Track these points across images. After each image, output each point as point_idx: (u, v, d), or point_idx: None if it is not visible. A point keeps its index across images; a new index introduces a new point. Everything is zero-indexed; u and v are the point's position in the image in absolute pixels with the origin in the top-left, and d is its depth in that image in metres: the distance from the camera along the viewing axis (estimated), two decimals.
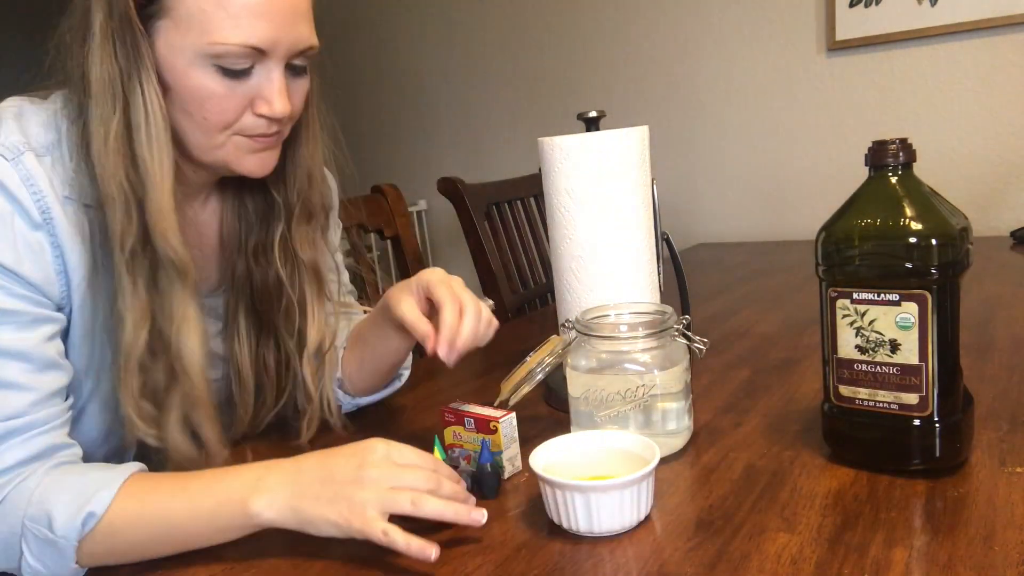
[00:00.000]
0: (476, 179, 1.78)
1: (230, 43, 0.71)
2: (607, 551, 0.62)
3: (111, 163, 0.71)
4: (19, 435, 0.67)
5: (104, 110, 0.71)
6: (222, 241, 0.90)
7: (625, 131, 0.91)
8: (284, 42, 0.74)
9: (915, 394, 0.68)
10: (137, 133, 0.71)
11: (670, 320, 0.79)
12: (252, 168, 0.79)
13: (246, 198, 0.89)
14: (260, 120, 0.76)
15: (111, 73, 0.71)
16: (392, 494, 0.64)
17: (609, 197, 0.91)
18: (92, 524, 0.64)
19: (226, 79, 0.73)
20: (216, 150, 0.77)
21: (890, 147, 0.68)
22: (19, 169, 0.70)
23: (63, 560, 0.65)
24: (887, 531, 0.61)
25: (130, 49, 0.70)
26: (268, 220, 0.89)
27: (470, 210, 1.67)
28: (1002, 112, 1.88)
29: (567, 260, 0.94)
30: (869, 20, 1.97)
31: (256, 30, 0.71)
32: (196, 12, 0.70)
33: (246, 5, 0.70)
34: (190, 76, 0.72)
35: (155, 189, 0.72)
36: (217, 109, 0.74)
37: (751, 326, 1.25)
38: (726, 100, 2.24)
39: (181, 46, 0.71)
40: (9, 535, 0.65)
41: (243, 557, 0.68)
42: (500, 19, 2.63)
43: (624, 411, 0.77)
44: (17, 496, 0.65)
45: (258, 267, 0.89)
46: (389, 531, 0.62)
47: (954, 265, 0.66)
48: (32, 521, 0.64)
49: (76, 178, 0.73)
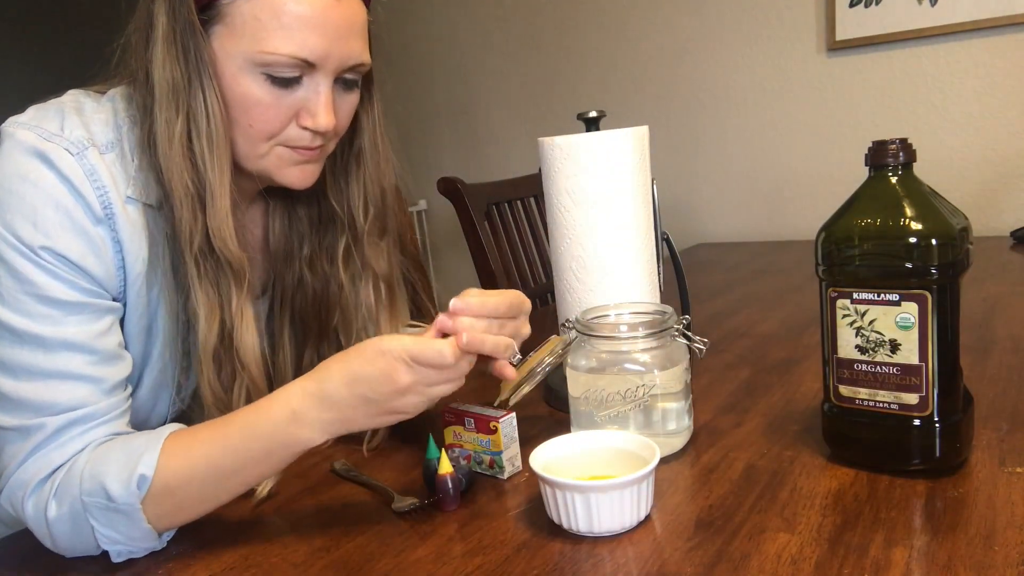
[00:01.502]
0: (476, 179, 1.78)
1: (280, 53, 0.71)
2: (607, 551, 0.62)
3: (176, 164, 0.73)
4: (81, 425, 0.68)
5: (169, 112, 0.72)
6: (266, 247, 0.91)
7: (625, 131, 0.91)
8: (335, 57, 0.74)
9: (915, 394, 0.68)
10: (198, 136, 0.73)
11: (670, 320, 0.79)
12: (293, 180, 0.80)
13: (298, 207, 0.90)
14: (304, 132, 0.77)
15: (174, 76, 0.72)
16: (432, 390, 0.68)
17: (609, 197, 0.91)
18: (146, 486, 0.65)
19: (274, 88, 0.74)
20: (259, 159, 0.78)
21: (890, 147, 0.68)
22: (83, 164, 0.71)
23: (134, 523, 0.66)
24: (887, 531, 0.61)
25: (192, 53, 0.72)
26: (326, 231, 0.90)
27: (470, 210, 1.68)
28: (1002, 112, 1.88)
29: (567, 260, 0.94)
30: (869, 20, 1.97)
31: (307, 42, 0.72)
32: (251, 20, 0.71)
33: (300, 17, 0.71)
34: (239, 82, 0.73)
35: (214, 191, 0.74)
36: (262, 117, 0.75)
37: (751, 326, 1.25)
38: (726, 100, 2.24)
39: (233, 52, 0.72)
40: (74, 515, 0.66)
41: (243, 557, 0.68)
42: (500, 19, 2.63)
43: (624, 411, 0.77)
44: (68, 480, 0.66)
45: (314, 276, 0.90)
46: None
47: (954, 265, 0.66)
48: (89, 495, 0.65)
49: (139, 177, 0.74)
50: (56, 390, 0.67)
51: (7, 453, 0.68)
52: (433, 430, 0.81)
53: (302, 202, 0.90)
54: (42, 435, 0.67)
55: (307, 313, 0.91)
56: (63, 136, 0.71)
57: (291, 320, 0.92)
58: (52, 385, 0.67)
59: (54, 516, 0.66)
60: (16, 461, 0.67)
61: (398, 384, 0.66)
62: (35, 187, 0.69)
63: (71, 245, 0.69)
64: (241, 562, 0.67)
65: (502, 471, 0.78)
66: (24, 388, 0.67)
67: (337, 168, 0.87)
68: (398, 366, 0.66)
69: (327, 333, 0.92)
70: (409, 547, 0.66)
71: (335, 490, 0.79)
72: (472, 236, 1.68)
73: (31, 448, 0.67)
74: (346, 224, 0.89)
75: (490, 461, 0.78)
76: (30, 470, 0.67)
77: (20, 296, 0.67)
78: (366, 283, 0.90)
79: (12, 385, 0.67)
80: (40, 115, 0.73)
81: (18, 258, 0.67)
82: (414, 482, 0.79)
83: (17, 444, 0.68)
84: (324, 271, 0.90)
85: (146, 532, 0.67)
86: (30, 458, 0.67)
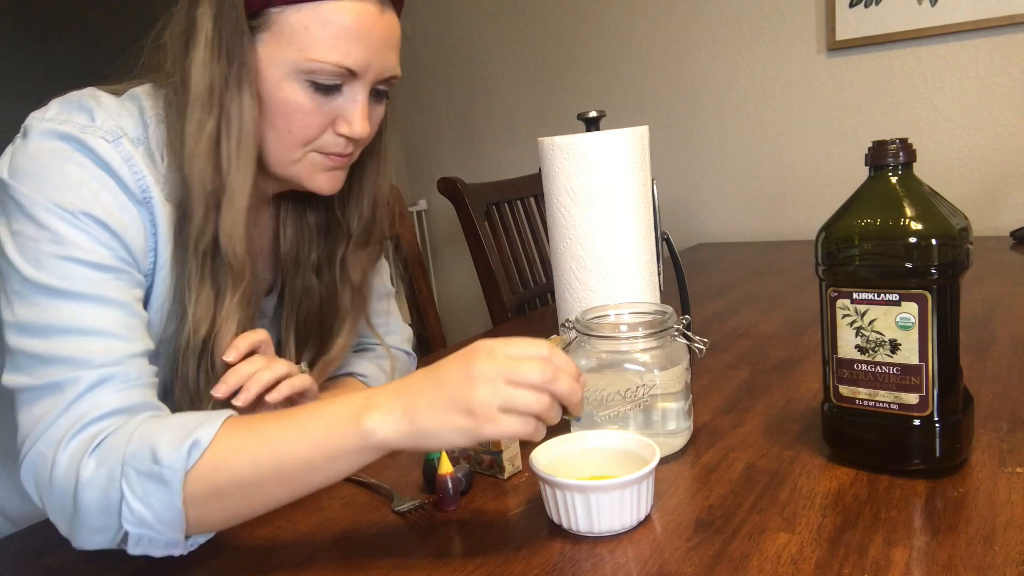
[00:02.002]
0: (476, 179, 1.78)
1: (326, 62, 0.73)
2: (607, 551, 0.62)
3: (199, 163, 0.74)
4: (117, 382, 0.66)
5: (202, 113, 0.73)
6: (273, 252, 0.91)
7: (625, 131, 0.91)
8: (374, 67, 0.77)
9: (915, 394, 0.68)
10: (227, 140, 0.74)
11: (670, 320, 0.79)
12: (321, 185, 0.81)
13: (308, 213, 0.91)
14: (339, 139, 0.79)
15: (213, 78, 0.73)
16: (511, 390, 0.60)
17: (609, 197, 0.91)
18: (197, 454, 0.61)
19: (316, 94, 0.75)
20: (292, 164, 0.79)
21: (890, 147, 0.68)
22: (120, 151, 0.72)
23: (169, 496, 0.61)
24: (887, 531, 0.61)
25: (236, 58, 0.73)
26: (331, 238, 0.91)
27: (470, 210, 1.68)
28: (1002, 112, 1.88)
29: (567, 260, 0.94)
30: (869, 20, 1.97)
31: (351, 52, 0.74)
32: (299, 29, 0.73)
33: (346, 28, 0.73)
34: (283, 89, 0.75)
35: (233, 195, 0.75)
36: (303, 124, 0.76)
37: (751, 326, 1.25)
38: (726, 100, 2.24)
39: (279, 60, 0.74)
40: (109, 479, 0.61)
41: (243, 557, 0.68)
42: (500, 19, 2.63)
43: (624, 411, 0.77)
44: (115, 439, 0.62)
45: (320, 283, 0.91)
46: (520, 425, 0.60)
47: (954, 265, 0.66)
48: (133, 457, 0.61)
49: (167, 176, 0.75)
50: (92, 345, 0.66)
51: (35, 413, 0.65)
52: None
53: (312, 209, 0.91)
54: (76, 390, 0.64)
55: (311, 319, 0.92)
56: (96, 126, 0.72)
57: (296, 326, 0.92)
58: (88, 341, 0.66)
59: (87, 478, 0.61)
60: (47, 419, 0.64)
61: (472, 368, 0.60)
62: (77, 166, 0.70)
63: (111, 214, 0.70)
64: (241, 562, 0.67)
65: (502, 471, 0.78)
66: (57, 345, 0.65)
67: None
68: (479, 351, 0.62)
69: (328, 338, 0.92)
70: (409, 547, 0.66)
71: (335, 490, 0.79)
72: (472, 236, 1.68)
73: (65, 404, 0.64)
74: (344, 232, 0.90)
75: (490, 461, 0.78)
76: (64, 425, 0.63)
77: (60, 260, 0.67)
78: (345, 290, 0.92)
79: (45, 345, 0.66)
80: (66, 108, 0.74)
81: (60, 223, 0.68)
82: (414, 482, 0.79)
83: (48, 401, 0.64)
84: (327, 278, 0.91)
85: (177, 515, 0.61)
86: (64, 413, 0.64)
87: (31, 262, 0.67)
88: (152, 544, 0.63)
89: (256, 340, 0.76)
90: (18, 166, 0.69)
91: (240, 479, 0.62)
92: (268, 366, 0.74)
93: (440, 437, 0.60)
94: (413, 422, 0.60)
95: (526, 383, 0.60)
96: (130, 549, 0.63)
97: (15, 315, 0.67)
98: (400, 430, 0.60)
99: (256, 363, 0.74)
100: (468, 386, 0.60)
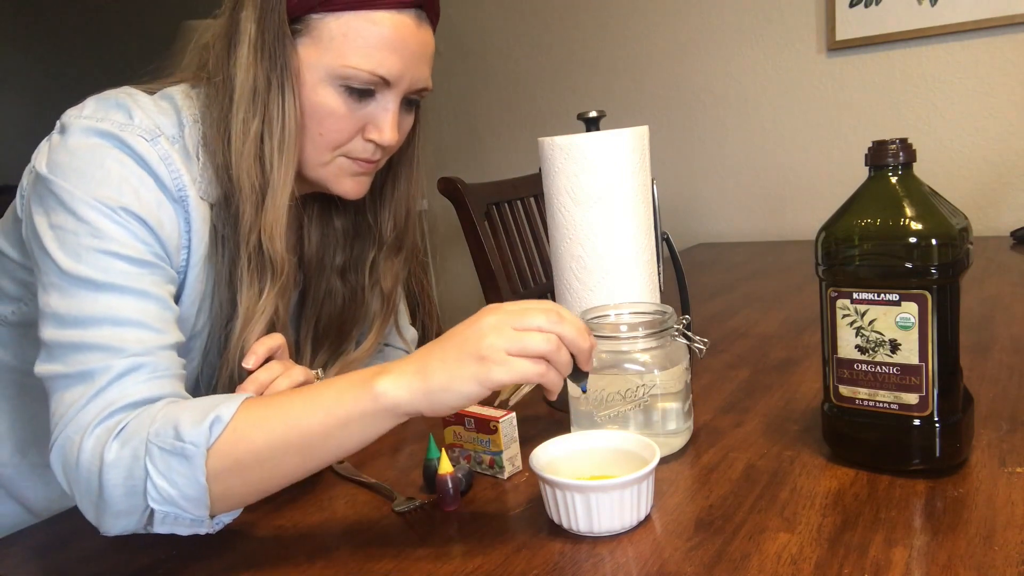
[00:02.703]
0: (476, 179, 1.78)
1: (362, 69, 0.76)
2: (607, 551, 0.62)
3: (246, 162, 0.76)
4: (146, 371, 0.67)
5: (246, 113, 0.76)
6: (299, 251, 0.92)
7: (625, 131, 0.91)
8: (407, 78, 0.80)
9: (915, 394, 0.68)
10: (270, 138, 0.76)
11: (670, 320, 0.79)
12: (347, 190, 0.83)
13: (334, 217, 0.93)
14: (368, 145, 0.81)
15: (257, 79, 0.76)
16: (519, 333, 0.61)
17: (609, 197, 0.91)
18: (219, 430, 0.62)
19: (350, 100, 0.78)
20: (321, 167, 0.81)
21: (890, 147, 0.68)
22: (158, 149, 0.74)
23: (192, 472, 0.61)
24: (887, 531, 0.61)
25: (279, 63, 0.75)
26: (359, 242, 0.93)
27: (470, 210, 1.67)
28: (1002, 112, 1.88)
29: (567, 260, 0.94)
30: (869, 20, 1.97)
31: (387, 62, 0.77)
32: (338, 36, 0.76)
33: (383, 38, 0.76)
34: (317, 92, 0.77)
35: (275, 191, 0.77)
36: (334, 128, 0.79)
37: (751, 326, 1.25)
38: (726, 100, 2.24)
39: (316, 64, 0.77)
40: (133, 459, 0.62)
41: (243, 557, 0.68)
42: (500, 19, 2.63)
43: (624, 411, 0.77)
44: (138, 421, 0.64)
45: (344, 285, 0.93)
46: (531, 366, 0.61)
47: (954, 265, 0.66)
48: (157, 435, 0.62)
49: (203, 177, 0.77)
50: (125, 335, 0.67)
51: (66, 400, 0.66)
52: (433, 430, 0.81)
53: (338, 213, 0.93)
54: (106, 377, 0.65)
55: (331, 321, 0.94)
56: (134, 124, 0.74)
57: (314, 327, 0.94)
58: (122, 331, 0.67)
59: (112, 459, 0.62)
60: (77, 405, 0.65)
61: (478, 323, 0.62)
62: (118, 163, 0.71)
63: (149, 211, 0.72)
64: (241, 562, 0.67)
65: (502, 471, 0.78)
66: (92, 334, 0.67)
67: (375, 184, 0.90)
68: (484, 311, 0.64)
69: (345, 339, 0.95)
70: (409, 547, 0.66)
71: (335, 490, 0.79)
72: (472, 236, 1.68)
73: (95, 391, 0.65)
74: (375, 238, 0.92)
75: (490, 461, 0.78)
76: (92, 411, 0.65)
77: (99, 254, 0.69)
78: (375, 294, 0.94)
79: (80, 334, 0.67)
80: (103, 106, 0.75)
81: (100, 218, 0.69)
82: (414, 482, 0.79)
83: (79, 388, 0.66)
84: (352, 281, 0.93)
85: (200, 491, 0.62)
86: (93, 400, 0.65)
87: (70, 255, 0.68)
88: (178, 522, 0.64)
89: (274, 345, 0.77)
90: (58, 162, 0.71)
91: (258, 451, 0.63)
92: (286, 373, 0.75)
93: (453, 388, 0.61)
94: (426, 379, 0.61)
95: (533, 326, 0.62)
96: (156, 527, 0.64)
97: (52, 307, 0.68)
98: (412, 389, 0.61)
99: (273, 370, 0.75)
100: (476, 337, 0.61)
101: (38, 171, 0.71)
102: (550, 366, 0.63)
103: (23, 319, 0.85)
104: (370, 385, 0.62)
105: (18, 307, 0.84)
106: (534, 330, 0.62)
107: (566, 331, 0.63)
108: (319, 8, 0.75)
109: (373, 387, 0.62)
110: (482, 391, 0.61)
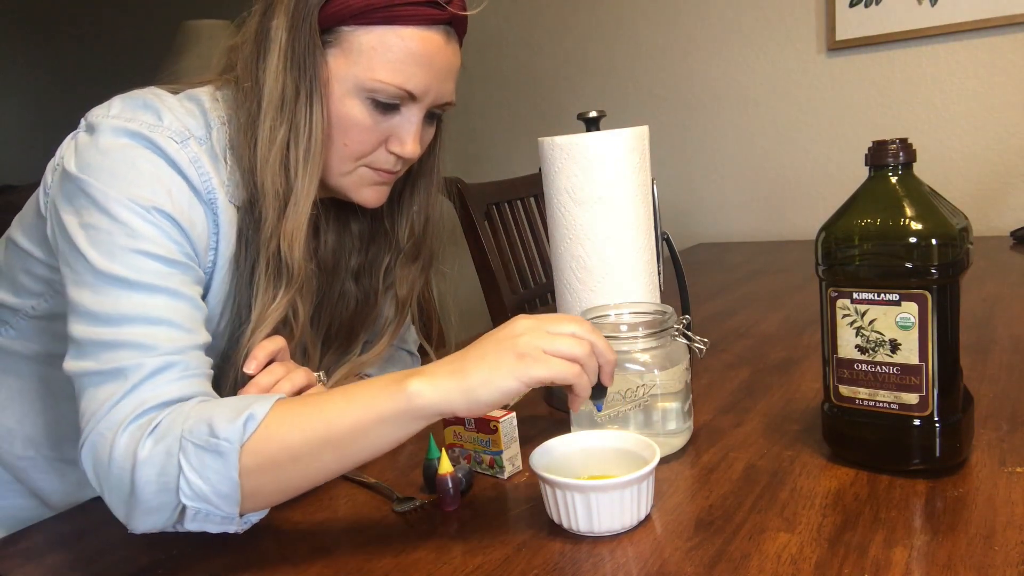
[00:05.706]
0: (476, 179, 1.78)
1: (389, 83, 0.77)
2: (607, 551, 0.63)
3: (271, 168, 0.76)
4: (178, 370, 0.68)
5: (274, 120, 0.76)
6: (314, 253, 0.92)
7: (625, 131, 0.91)
8: (433, 93, 0.81)
9: (915, 394, 0.68)
10: (296, 146, 0.77)
11: (670, 320, 0.79)
12: (367, 198, 0.84)
13: (351, 222, 0.93)
14: (390, 157, 0.82)
15: (285, 87, 0.76)
16: (553, 337, 0.64)
17: (609, 197, 0.91)
18: (253, 427, 0.62)
19: (375, 112, 0.78)
20: (342, 176, 0.82)
21: (890, 147, 0.68)
22: (187, 151, 0.74)
23: (226, 468, 0.62)
24: (887, 531, 0.61)
25: (309, 73, 0.76)
26: (375, 246, 0.94)
27: (470, 210, 1.67)
28: (1002, 112, 1.88)
29: (567, 260, 0.94)
30: (869, 20, 1.97)
31: (414, 77, 0.78)
32: (367, 49, 0.76)
33: (412, 53, 0.77)
34: (344, 103, 0.78)
35: (298, 199, 0.77)
36: (359, 139, 0.79)
37: (751, 326, 1.25)
38: (726, 100, 2.24)
39: (344, 75, 0.77)
40: (167, 455, 0.62)
41: (243, 557, 0.68)
42: (500, 19, 2.63)
43: (624, 411, 0.77)
44: (171, 419, 0.64)
45: (358, 288, 0.94)
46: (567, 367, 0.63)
47: (954, 265, 0.66)
48: (191, 432, 0.62)
49: (231, 181, 0.77)
50: (158, 334, 0.68)
51: (98, 397, 0.66)
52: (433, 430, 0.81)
53: (355, 217, 0.93)
54: (139, 375, 0.66)
55: (342, 323, 0.94)
56: (163, 126, 0.74)
57: (325, 329, 0.94)
58: (155, 329, 0.68)
59: (144, 456, 0.62)
60: (111, 401, 0.65)
61: (512, 327, 0.65)
62: (150, 163, 0.72)
63: (181, 211, 0.72)
64: (241, 561, 0.67)
65: (502, 471, 0.78)
66: (125, 332, 0.67)
67: (393, 191, 0.90)
68: (515, 320, 0.66)
69: (353, 342, 0.95)
70: (409, 547, 0.66)
71: (335, 490, 0.79)
72: (472, 236, 1.68)
73: (128, 388, 0.65)
74: (392, 244, 0.93)
75: (490, 461, 0.78)
76: (125, 409, 0.65)
77: (132, 253, 0.69)
78: (388, 300, 0.95)
79: (112, 332, 0.67)
80: (130, 106, 0.75)
81: (134, 217, 0.70)
82: (414, 482, 0.79)
83: (112, 385, 0.66)
84: (366, 285, 0.94)
85: (233, 487, 0.62)
86: (126, 397, 0.65)
87: (104, 254, 0.69)
88: (208, 519, 0.64)
89: (274, 349, 0.77)
90: (88, 161, 0.71)
91: (291, 449, 0.63)
92: (288, 377, 0.75)
93: (493, 384, 0.62)
94: (464, 377, 0.63)
95: (567, 332, 0.65)
96: (187, 524, 0.64)
97: (85, 304, 0.68)
98: (448, 389, 0.63)
99: (275, 374, 0.75)
100: (513, 337, 0.64)
101: (67, 169, 0.71)
102: (582, 370, 0.65)
103: (43, 313, 0.85)
104: (404, 385, 0.63)
105: (39, 302, 0.84)
106: (568, 335, 0.65)
107: (597, 340, 0.66)
108: (351, 21, 0.75)
109: (407, 387, 0.63)
110: (520, 388, 0.63)
